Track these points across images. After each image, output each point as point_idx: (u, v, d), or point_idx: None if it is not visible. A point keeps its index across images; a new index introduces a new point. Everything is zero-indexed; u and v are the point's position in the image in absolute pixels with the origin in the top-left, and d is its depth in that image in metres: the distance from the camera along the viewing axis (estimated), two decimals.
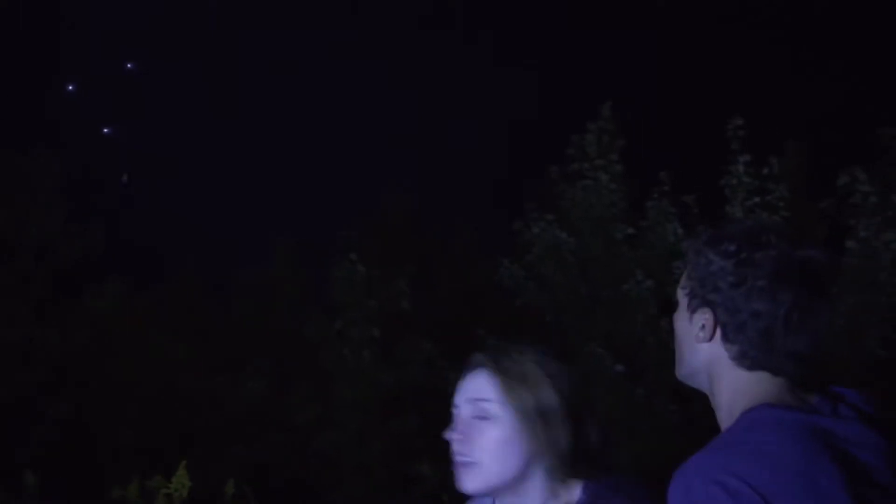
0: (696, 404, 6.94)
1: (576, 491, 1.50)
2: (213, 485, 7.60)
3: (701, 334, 1.29)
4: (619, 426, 7.79)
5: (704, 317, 1.28)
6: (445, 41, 25.28)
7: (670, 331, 1.41)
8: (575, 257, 9.56)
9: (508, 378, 1.56)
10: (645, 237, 9.76)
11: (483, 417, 1.56)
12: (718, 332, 1.27)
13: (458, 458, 1.56)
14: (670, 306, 1.42)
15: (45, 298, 13.55)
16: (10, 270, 13.12)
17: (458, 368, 1.76)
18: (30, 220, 13.23)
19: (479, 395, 1.59)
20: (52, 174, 13.58)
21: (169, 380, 12.96)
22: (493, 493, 1.56)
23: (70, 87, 24.95)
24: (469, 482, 1.54)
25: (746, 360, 1.25)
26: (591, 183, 9.81)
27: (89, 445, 12.69)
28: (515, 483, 1.51)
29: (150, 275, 16.10)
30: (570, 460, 1.49)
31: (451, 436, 1.56)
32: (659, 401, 8.48)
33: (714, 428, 1.28)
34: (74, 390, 12.93)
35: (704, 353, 1.29)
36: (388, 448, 9.88)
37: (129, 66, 26.39)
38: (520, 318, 9.77)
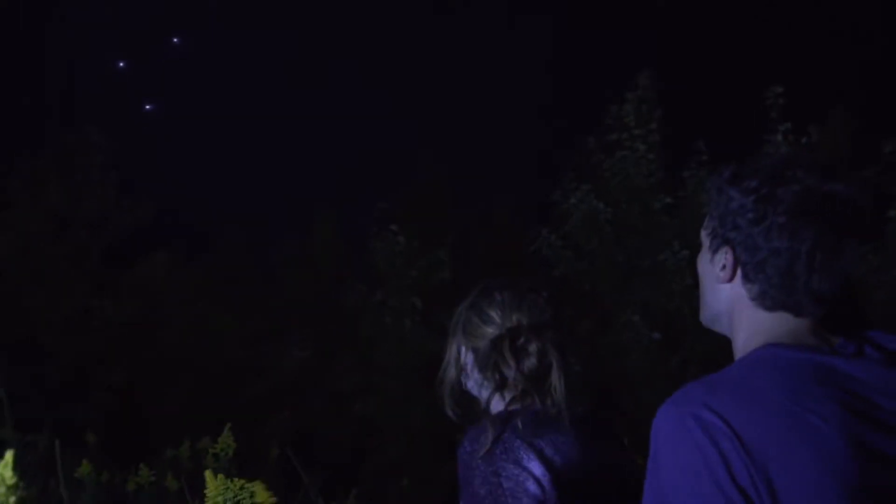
0: None
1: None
2: (258, 448, 7.92)
3: (721, 274, 1.26)
4: (655, 393, 7.92)
5: (725, 256, 1.25)
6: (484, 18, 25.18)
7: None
8: (612, 227, 9.63)
9: None
10: (683, 207, 9.78)
11: None
12: (739, 271, 1.24)
13: None
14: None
15: (99, 270, 14.03)
16: (66, 243, 13.59)
17: None
18: (82, 195, 13.66)
19: None
20: (101, 150, 13.99)
21: (215, 348, 13.36)
22: None
23: (121, 64, 25.43)
24: None
25: (767, 299, 1.20)
26: (629, 153, 9.83)
27: (142, 411, 13.18)
28: None
29: (197, 247, 16.52)
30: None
31: None
32: (694, 369, 8.58)
33: None
34: (127, 358, 13.40)
35: (726, 294, 1.26)
36: (430, 414, 10.12)
37: (174, 40, 26.76)
38: (558, 287, 9.89)
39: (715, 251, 1.28)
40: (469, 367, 1.73)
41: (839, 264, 1.18)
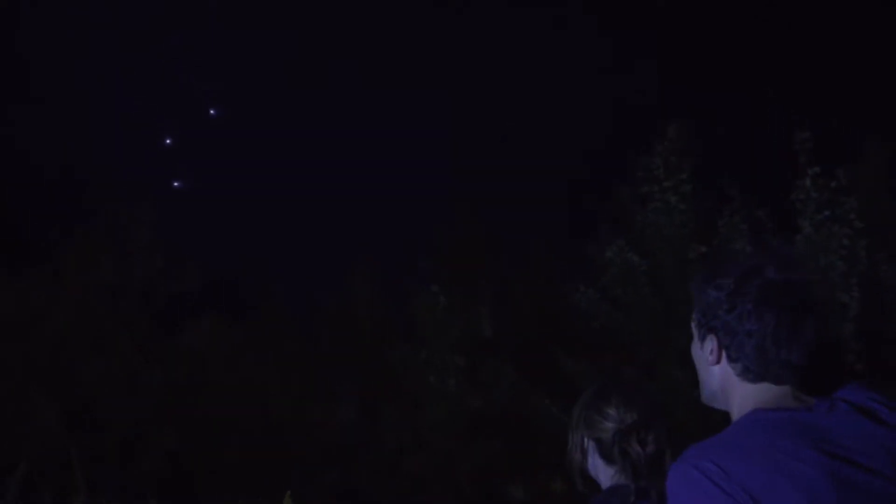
0: None
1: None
2: None
3: (710, 357, 1.48)
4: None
5: (711, 342, 1.47)
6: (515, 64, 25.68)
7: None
8: (648, 278, 9.77)
9: None
10: (717, 255, 9.89)
11: None
12: (724, 354, 1.46)
13: None
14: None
15: (148, 337, 14.46)
16: (118, 312, 14.06)
17: (540, 391, 2.17)
18: (132, 266, 14.17)
19: None
20: (149, 222, 14.56)
21: (262, 409, 13.59)
22: None
23: (167, 141, 26.36)
24: None
25: (749, 373, 1.43)
26: (661, 205, 10.02)
27: (194, 472, 13.41)
28: None
29: (241, 309, 16.85)
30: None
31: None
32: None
33: None
34: (177, 422, 13.68)
35: (717, 375, 1.49)
36: (476, 469, 10.24)
37: (211, 112, 27.71)
38: (597, 339, 10.03)
39: (703, 339, 1.50)
40: (591, 452, 2.09)
41: (802, 338, 1.41)
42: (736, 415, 1.45)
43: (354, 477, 11.77)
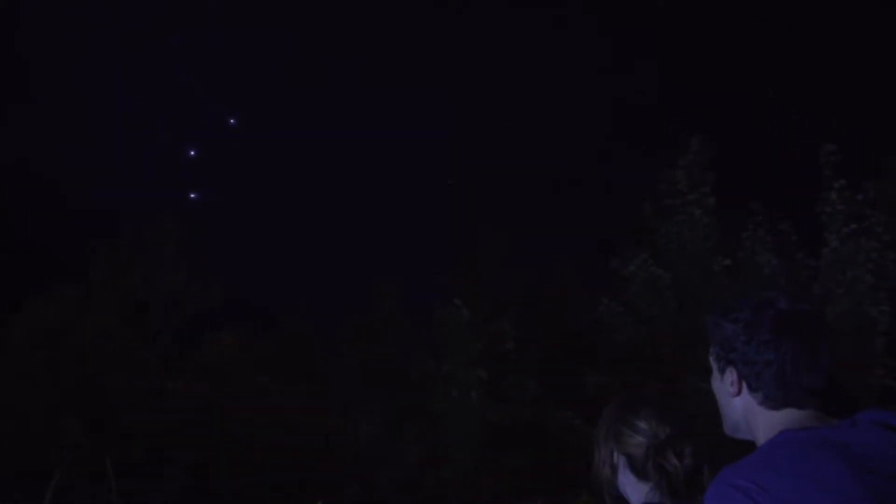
0: None
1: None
2: None
3: (731, 389, 1.52)
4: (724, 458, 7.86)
5: (731, 374, 1.52)
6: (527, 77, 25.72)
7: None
8: (672, 291, 9.72)
9: None
10: (742, 268, 9.83)
11: None
12: (744, 385, 1.51)
13: None
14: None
15: (171, 351, 14.58)
16: (142, 326, 14.19)
17: (563, 406, 2.14)
18: (157, 280, 14.31)
19: None
20: (173, 236, 14.72)
21: (284, 423, 13.61)
22: None
23: (192, 153, 26.61)
24: None
25: (771, 401, 1.49)
26: (685, 218, 9.98)
27: (215, 486, 13.44)
28: None
29: (263, 323, 16.93)
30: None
31: None
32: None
33: None
34: (199, 436, 13.73)
35: (739, 406, 1.53)
36: (499, 484, 10.18)
37: (231, 121, 27.90)
38: (621, 353, 9.97)
39: (722, 371, 1.54)
40: (621, 468, 2.04)
41: (819, 363, 1.48)
42: (762, 441, 1.50)
43: (376, 491, 11.74)
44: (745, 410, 1.53)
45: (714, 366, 1.57)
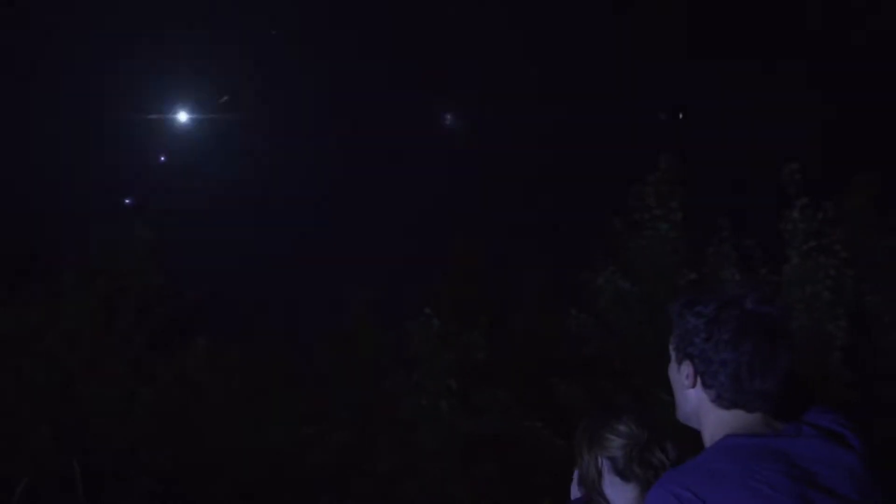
0: None
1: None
2: None
3: (686, 382, 1.53)
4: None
5: (687, 368, 1.53)
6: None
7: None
8: (641, 305, 9.94)
9: None
10: (707, 282, 10.08)
11: None
12: (699, 379, 1.52)
13: None
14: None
15: (143, 358, 14.49)
16: (113, 332, 14.11)
17: (532, 416, 2.28)
18: (129, 286, 14.25)
19: None
20: (145, 242, 14.65)
21: (256, 432, 13.61)
22: None
23: (162, 158, 26.39)
24: None
25: (723, 400, 1.49)
26: (653, 233, 10.22)
27: (187, 495, 13.40)
28: None
29: (236, 330, 16.85)
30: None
31: None
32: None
33: None
34: (171, 444, 13.67)
35: (692, 398, 1.54)
36: (469, 494, 10.30)
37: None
38: (589, 365, 10.16)
39: (679, 363, 1.56)
40: (605, 472, 2.15)
41: (775, 368, 1.47)
42: (708, 438, 1.53)
43: (348, 499, 11.81)
44: (696, 404, 1.54)
45: (672, 354, 1.59)
